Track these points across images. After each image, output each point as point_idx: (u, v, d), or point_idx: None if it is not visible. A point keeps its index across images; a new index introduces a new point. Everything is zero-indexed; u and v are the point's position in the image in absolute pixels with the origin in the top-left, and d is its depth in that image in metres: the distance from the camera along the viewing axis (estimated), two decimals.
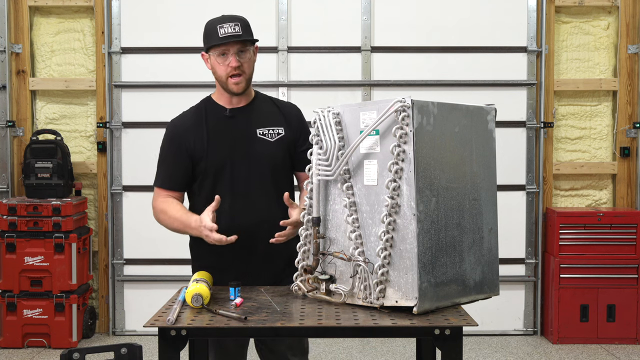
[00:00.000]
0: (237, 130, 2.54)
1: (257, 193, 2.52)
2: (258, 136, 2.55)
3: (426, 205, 2.06)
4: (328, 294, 2.25)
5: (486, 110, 2.28)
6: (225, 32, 2.47)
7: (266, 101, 2.65)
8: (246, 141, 2.54)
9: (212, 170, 2.53)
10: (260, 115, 2.58)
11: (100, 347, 2.19)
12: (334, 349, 4.54)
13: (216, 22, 2.51)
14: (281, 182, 2.57)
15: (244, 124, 2.55)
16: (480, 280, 2.23)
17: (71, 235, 4.54)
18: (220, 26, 2.48)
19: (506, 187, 4.77)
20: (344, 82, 4.87)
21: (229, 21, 2.49)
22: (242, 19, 2.53)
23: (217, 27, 2.48)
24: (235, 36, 2.47)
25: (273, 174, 2.55)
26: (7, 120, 4.86)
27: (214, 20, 2.53)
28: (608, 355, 4.45)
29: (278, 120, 2.59)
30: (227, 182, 2.52)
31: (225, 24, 2.48)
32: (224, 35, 2.47)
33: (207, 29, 2.54)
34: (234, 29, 2.47)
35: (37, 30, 5.01)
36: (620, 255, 4.65)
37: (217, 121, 2.55)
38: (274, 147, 2.55)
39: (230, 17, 2.52)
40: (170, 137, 2.58)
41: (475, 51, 4.87)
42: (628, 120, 4.97)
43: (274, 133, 2.56)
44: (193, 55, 4.83)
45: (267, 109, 2.61)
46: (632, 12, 4.93)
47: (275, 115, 2.60)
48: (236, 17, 2.53)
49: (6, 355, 4.44)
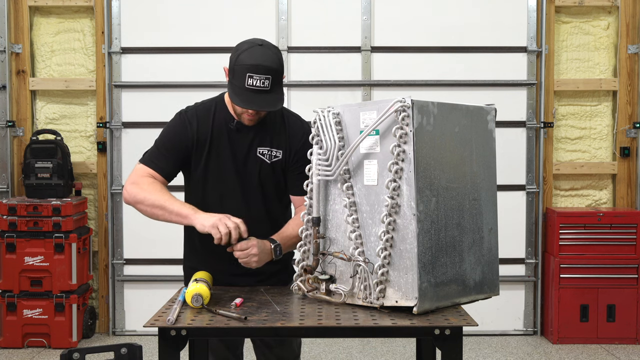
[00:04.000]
0: (238, 144, 2.47)
1: (245, 209, 2.46)
2: (257, 155, 2.47)
3: (426, 205, 2.06)
4: (328, 294, 2.25)
5: (486, 110, 2.28)
6: (253, 85, 2.28)
7: (277, 116, 2.51)
8: (243, 158, 2.47)
9: (206, 178, 2.49)
10: (265, 134, 2.48)
11: (100, 347, 2.19)
12: (334, 349, 4.54)
13: (247, 66, 2.28)
14: (271, 203, 2.51)
15: (246, 140, 2.47)
16: (480, 280, 2.23)
17: (71, 235, 4.54)
18: (249, 75, 2.28)
19: (506, 187, 4.76)
20: (344, 82, 4.87)
21: (260, 72, 2.28)
22: (275, 71, 2.30)
23: (246, 74, 2.27)
24: (260, 95, 2.29)
25: (264, 194, 2.50)
26: (7, 120, 4.86)
27: (247, 57, 2.30)
28: (608, 355, 4.45)
29: (280, 141, 2.49)
30: (217, 193, 2.49)
31: (255, 75, 2.28)
32: (249, 87, 2.28)
33: (236, 63, 2.32)
34: (263, 84, 2.28)
35: (37, 30, 5.01)
36: (620, 255, 4.65)
37: (222, 130, 2.48)
38: (268, 169, 2.48)
39: (264, 67, 2.28)
40: (174, 130, 2.50)
41: (475, 51, 4.87)
42: (628, 120, 4.97)
43: (272, 155, 2.48)
44: (193, 55, 4.86)
45: (274, 127, 2.50)
46: (632, 12, 4.93)
47: (279, 135, 2.49)
48: (270, 68, 2.29)
49: (6, 355, 4.44)
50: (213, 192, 2.50)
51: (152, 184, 2.41)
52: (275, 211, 2.54)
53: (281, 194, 2.55)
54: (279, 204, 2.56)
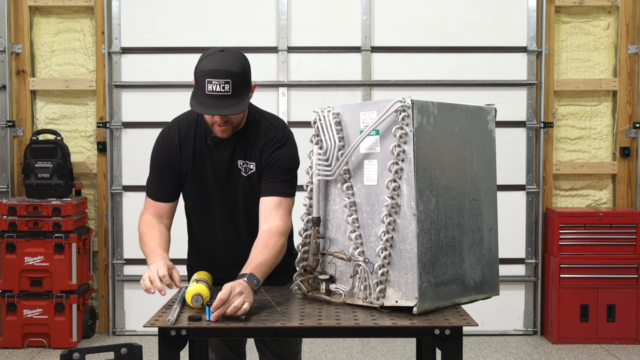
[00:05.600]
0: (219, 159, 2.43)
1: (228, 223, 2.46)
2: (237, 167, 2.43)
3: (426, 205, 2.06)
4: (328, 294, 2.25)
5: (486, 110, 2.28)
6: (213, 90, 2.19)
7: (255, 127, 2.44)
8: (224, 172, 2.43)
9: (193, 192, 2.49)
10: (242, 146, 2.41)
11: (100, 347, 2.20)
12: (334, 349, 4.54)
13: (205, 72, 2.20)
14: (252, 215, 2.45)
15: (225, 154, 2.42)
16: (480, 280, 2.23)
17: (71, 235, 4.54)
18: (208, 80, 2.19)
19: (506, 187, 4.76)
20: (344, 82, 4.87)
21: (219, 77, 2.19)
22: (235, 74, 2.21)
23: (205, 80, 2.19)
24: (221, 101, 2.20)
25: (244, 207, 2.46)
26: (7, 120, 4.86)
27: (206, 63, 2.23)
28: (608, 355, 4.45)
29: (255, 153, 2.41)
30: (202, 210, 2.49)
31: (214, 80, 2.19)
32: (210, 94, 2.19)
33: (196, 70, 2.25)
34: (223, 88, 2.19)
35: (37, 30, 5.01)
36: (620, 255, 4.65)
37: (203, 145, 2.44)
38: (245, 182, 2.44)
39: (222, 72, 2.20)
40: (159, 150, 2.49)
41: (475, 51, 4.86)
42: (628, 120, 4.97)
43: (248, 168, 2.43)
44: (193, 55, 4.76)
45: (251, 138, 2.42)
46: (632, 12, 4.93)
47: (254, 147, 2.41)
48: (228, 72, 2.20)
49: (6, 355, 4.44)
50: (201, 207, 2.50)
51: (142, 232, 2.52)
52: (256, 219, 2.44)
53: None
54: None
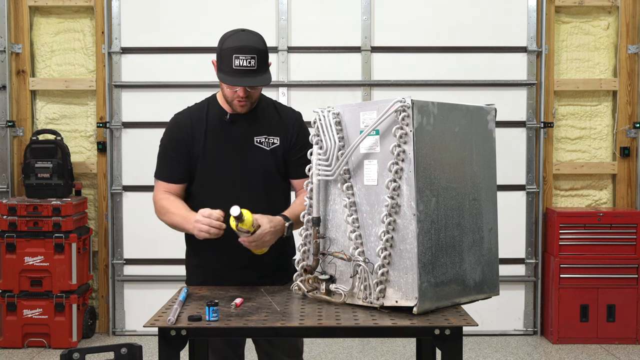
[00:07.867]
0: (235, 136, 2.53)
1: (247, 198, 2.47)
2: (255, 144, 2.53)
3: (426, 205, 2.06)
4: (328, 294, 2.25)
5: (486, 110, 2.28)
6: (240, 65, 2.37)
7: (269, 107, 2.59)
8: (242, 148, 2.52)
9: (206, 172, 2.53)
10: (260, 123, 2.55)
11: (100, 347, 2.20)
12: (334, 349, 4.54)
13: (233, 49, 2.38)
14: (273, 189, 2.56)
15: (242, 131, 2.53)
16: (480, 280, 2.23)
17: (71, 235, 4.54)
18: (236, 56, 2.36)
19: (506, 187, 4.76)
20: (344, 82, 4.87)
21: (245, 52, 2.37)
22: (259, 51, 2.40)
23: (232, 56, 2.37)
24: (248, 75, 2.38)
25: (265, 182, 2.53)
26: (7, 120, 4.86)
27: (231, 41, 2.40)
28: (608, 355, 4.45)
29: (277, 128, 2.56)
30: (219, 186, 2.52)
31: (241, 56, 2.36)
32: (237, 68, 2.37)
33: (222, 48, 2.41)
34: (249, 63, 2.37)
35: (37, 30, 5.01)
36: (620, 255, 4.65)
37: (217, 124, 2.54)
38: (269, 155, 2.53)
39: (248, 48, 2.38)
40: (170, 132, 2.58)
41: (475, 51, 4.86)
42: (628, 120, 4.97)
43: (270, 142, 2.54)
44: (193, 55, 4.86)
45: (268, 116, 2.57)
46: (632, 12, 4.93)
47: (275, 124, 2.56)
48: (254, 48, 2.39)
49: (6, 355, 4.44)
50: (215, 183, 2.53)
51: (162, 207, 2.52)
52: (277, 198, 2.57)
53: (282, 180, 2.60)
54: (281, 190, 2.60)
